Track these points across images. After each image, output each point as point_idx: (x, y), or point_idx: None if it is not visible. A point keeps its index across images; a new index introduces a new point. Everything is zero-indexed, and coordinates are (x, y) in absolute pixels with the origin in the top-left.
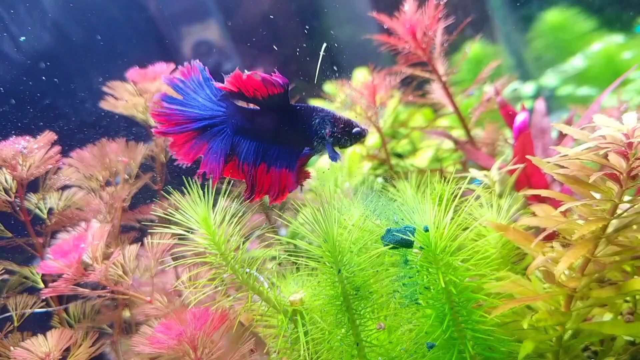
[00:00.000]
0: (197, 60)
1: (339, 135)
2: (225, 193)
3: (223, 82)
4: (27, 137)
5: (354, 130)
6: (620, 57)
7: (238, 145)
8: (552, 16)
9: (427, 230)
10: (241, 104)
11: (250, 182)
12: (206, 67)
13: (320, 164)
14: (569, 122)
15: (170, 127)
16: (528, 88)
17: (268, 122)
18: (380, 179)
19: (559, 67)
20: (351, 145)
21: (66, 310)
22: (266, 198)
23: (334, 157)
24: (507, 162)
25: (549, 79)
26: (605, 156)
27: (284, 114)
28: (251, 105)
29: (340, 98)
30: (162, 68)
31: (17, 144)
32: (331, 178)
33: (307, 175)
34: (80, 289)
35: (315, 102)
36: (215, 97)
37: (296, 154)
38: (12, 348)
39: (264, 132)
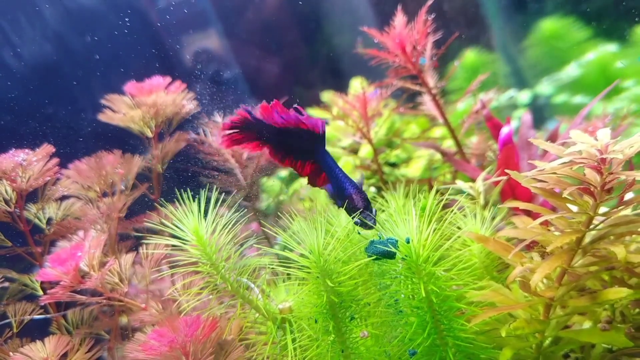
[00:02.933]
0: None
1: (347, 204)
2: (218, 202)
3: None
4: (26, 150)
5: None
6: (613, 66)
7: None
8: (547, 25)
9: (408, 241)
10: None
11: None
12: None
13: None
14: (554, 134)
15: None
16: (524, 96)
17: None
18: (372, 188)
19: (554, 75)
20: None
21: (64, 316)
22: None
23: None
24: (492, 174)
25: (544, 87)
26: (583, 171)
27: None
28: None
29: (335, 110)
30: (158, 81)
31: (17, 156)
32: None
33: None
34: (78, 296)
35: (312, 111)
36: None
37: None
38: (11, 353)
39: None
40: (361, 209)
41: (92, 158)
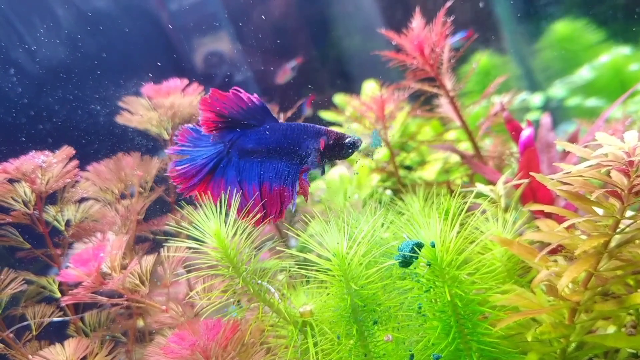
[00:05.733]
0: (184, 126)
1: (332, 149)
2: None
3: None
4: (46, 152)
5: (347, 140)
6: (627, 69)
7: (244, 170)
8: (560, 28)
9: (433, 245)
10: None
11: (260, 202)
12: (193, 123)
13: (330, 176)
14: (574, 137)
15: (190, 181)
16: (536, 99)
17: (263, 142)
18: (389, 191)
19: (567, 78)
20: (345, 156)
21: (82, 319)
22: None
23: (315, 165)
24: (513, 176)
25: (557, 89)
26: (608, 173)
27: (275, 133)
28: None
29: (348, 111)
30: (175, 84)
31: (37, 158)
32: (341, 190)
33: (305, 190)
34: (99, 297)
35: (325, 114)
36: (212, 140)
37: (294, 169)
38: (30, 356)
39: (261, 152)
40: (330, 149)
41: (111, 160)
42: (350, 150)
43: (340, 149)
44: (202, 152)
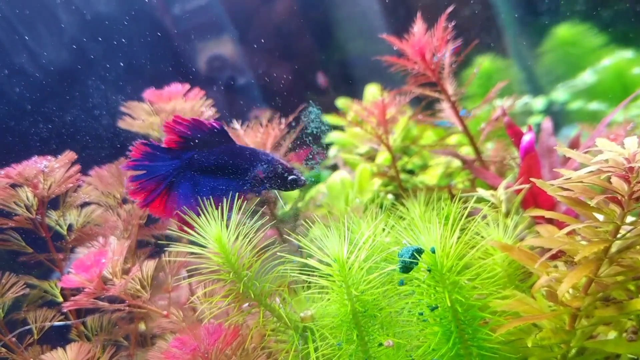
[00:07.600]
0: (138, 141)
1: (274, 179)
2: (240, 209)
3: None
4: (49, 157)
5: (290, 177)
6: (630, 73)
7: (198, 186)
8: (562, 31)
9: (433, 251)
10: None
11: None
12: (150, 139)
13: (331, 180)
14: (575, 141)
15: (147, 196)
16: (539, 102)
17: (216, 161)
18: (390, 196)
19: (569, 81)
20: (286, 190)
21: (84, 323)
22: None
23: (254, 191)
24: (514, 181)
25: (560, 93)
26: (608, 179)
27: (228, 155)
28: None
29: (350, 116)
30: (177, 88)
31: (39, 163)
32: (342, 195)
33: None
34: (101, 303)
35: (328, 118)
36: (169, 156)
37: (238, 190)
38: None
39: (215, 171)
40: (273, 178)
41: (113, 165)
42: (291, 186)
43: (282, 181)
44: (159, 167)
